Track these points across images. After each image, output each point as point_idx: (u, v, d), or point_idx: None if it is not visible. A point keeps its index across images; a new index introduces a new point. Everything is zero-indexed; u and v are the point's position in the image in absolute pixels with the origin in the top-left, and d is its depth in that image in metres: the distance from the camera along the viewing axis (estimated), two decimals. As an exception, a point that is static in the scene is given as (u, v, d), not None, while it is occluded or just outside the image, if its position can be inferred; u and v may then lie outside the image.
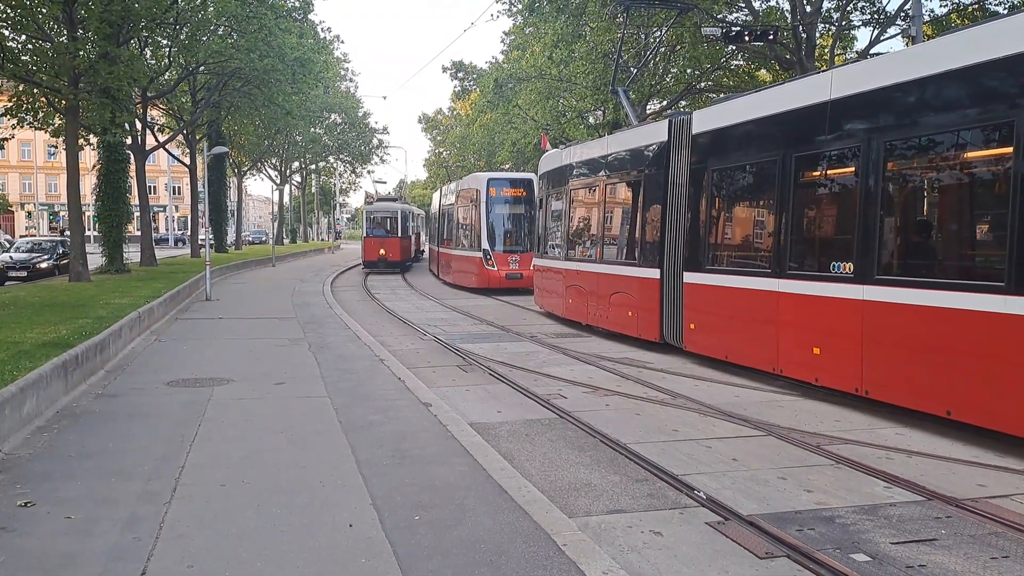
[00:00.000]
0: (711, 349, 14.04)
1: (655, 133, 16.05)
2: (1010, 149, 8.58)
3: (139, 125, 34.47)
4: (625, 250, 17.54)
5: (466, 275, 31.53)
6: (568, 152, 21.03)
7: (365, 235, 44.61)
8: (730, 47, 29.77)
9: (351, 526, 5.94)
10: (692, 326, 14.45)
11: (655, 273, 15.53)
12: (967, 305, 8.85)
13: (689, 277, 14.48)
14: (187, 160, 47.15)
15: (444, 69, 62.66)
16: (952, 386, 9.11)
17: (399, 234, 43.84)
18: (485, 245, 29.53)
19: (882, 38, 27.57)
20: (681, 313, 14.78)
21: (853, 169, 10.91)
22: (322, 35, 52.70)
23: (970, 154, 9.49)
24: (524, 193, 30.34)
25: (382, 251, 42.67)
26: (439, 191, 45.30)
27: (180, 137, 43.72)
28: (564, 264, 20.45)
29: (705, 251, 14.22)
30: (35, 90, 24.75)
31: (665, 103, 35.95)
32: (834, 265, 11.06)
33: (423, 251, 56.18)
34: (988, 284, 8.77)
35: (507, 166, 57.10)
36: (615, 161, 17.87)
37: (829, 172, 11.68)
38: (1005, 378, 8.46)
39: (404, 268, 44.35)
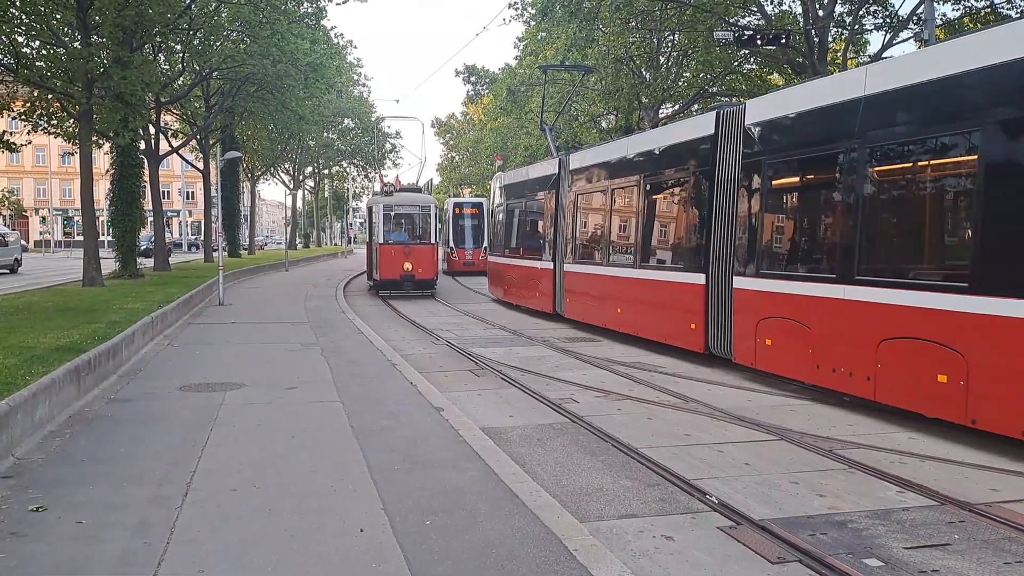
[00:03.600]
0: (579, 316, 20.32)
1: (550, 167, 22.62)
2: (635, 189, 17.18)
3: (152, 130, 34.59)
4: (534, 249, 23.86)
5: (445, 263, 43.18)
6: (505, 176, 28.58)
7: (381, 241, 29.83)
8: (742, 51, 29.74)
9: (362, 531, 5.94)
10: (568, 301, 21.08)
11: (550, 265, 22.11)
12: (661, 277, 16.16)
13: (566, 268, 21.13)
14: (200, 165, 47.28)
15: (457, 73, 63.00)
16: (654, 319, 16.22)
17: (430, 239, 30.68)
18: (451, 244, 43.72)
19: (895, 42, 27.50)
20: (563, 292, 21.29)
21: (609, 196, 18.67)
22: (335, 40, 52.79)
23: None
24: (477, 211, 44.39)
25: (408, 265, 29.17)
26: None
27: (193, 142, 43.86)
28: (502, 260, 27.05)
29: (572, 249, 20.91)
30: (49, 95, 24.88)
31: (677, 107, 35.90)
32: (625, 258, 17.81)
33: None
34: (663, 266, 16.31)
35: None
36: (528, 185, 24.77)
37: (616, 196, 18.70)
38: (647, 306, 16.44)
39: (433, 288, 30.93)
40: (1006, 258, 8.58)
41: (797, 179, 12.74)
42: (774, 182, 12.81)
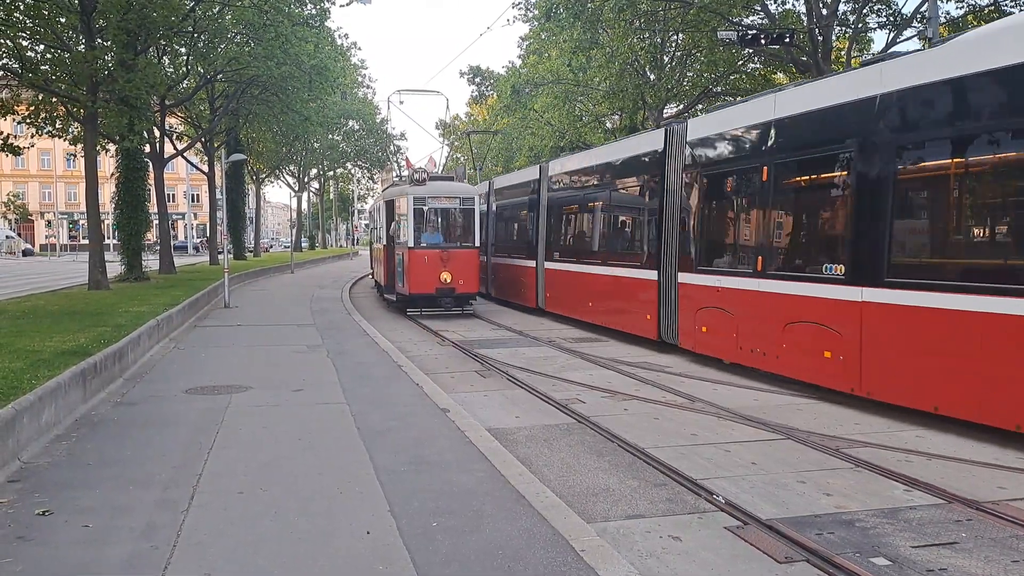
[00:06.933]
0: (499, 295, 28.48)
1: (479, 189, 29.85)
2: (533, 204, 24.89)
3: (157, 133, 34.62)
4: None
5: None
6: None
7: (410, 244, 23.09)
8: (746, 51, 29.71)
9: (369, 533, 5.93)
10: (492, 283, 29.37)
11: (482, 256, 27.46)
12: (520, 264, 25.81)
13: (493, 259, 29.05)
14: (205, 168, 47.31)
15: (461, 73, 62.92)
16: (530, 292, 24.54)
17: (474, 241, 24.03)
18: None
19: (899, 40, 27.43)
20: (494, 278, 29.43)
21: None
22: (339, 41, 52.75)
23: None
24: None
25: (446, 276, 22.83)
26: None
27: (198, 145, 43.87)
28: None
29: (494, 245, 29.36)
30: (53, 99, 24.91)
31: (682, 107, 35.87)
32: (523, 252, 25.16)
33: None
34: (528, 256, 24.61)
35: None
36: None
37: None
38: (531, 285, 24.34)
39: (471, 303, 24.67)
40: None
41: None
42: None
